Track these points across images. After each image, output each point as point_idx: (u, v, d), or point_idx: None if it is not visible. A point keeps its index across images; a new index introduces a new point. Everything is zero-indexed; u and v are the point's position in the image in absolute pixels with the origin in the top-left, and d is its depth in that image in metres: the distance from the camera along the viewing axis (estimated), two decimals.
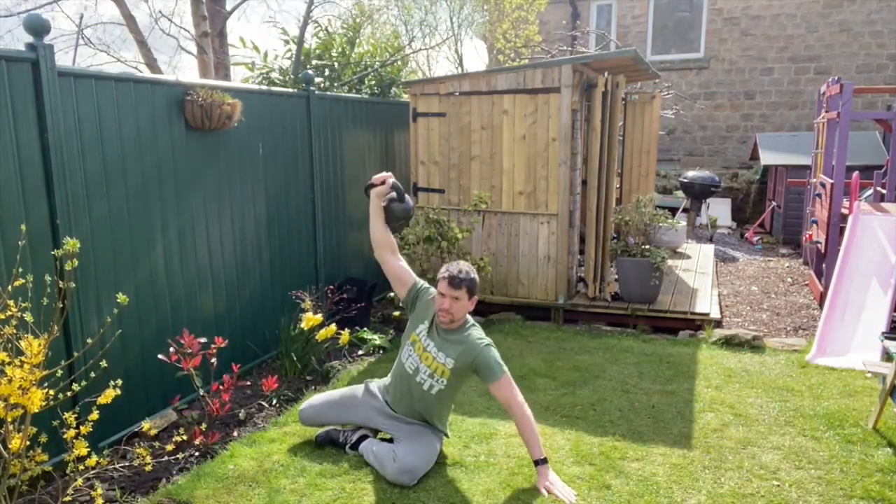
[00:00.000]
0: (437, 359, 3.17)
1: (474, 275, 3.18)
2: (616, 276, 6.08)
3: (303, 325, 4.25)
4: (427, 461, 3.15)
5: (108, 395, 2.53)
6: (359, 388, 3.53)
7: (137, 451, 3.01)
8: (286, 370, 4.49)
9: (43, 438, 2.71)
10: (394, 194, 3.34)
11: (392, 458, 3.07)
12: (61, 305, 2.56)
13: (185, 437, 3.30)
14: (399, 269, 3.36)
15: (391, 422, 3.34)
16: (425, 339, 3.24)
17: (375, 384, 3.51)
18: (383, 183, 3.31)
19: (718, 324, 5.65)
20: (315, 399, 3.57)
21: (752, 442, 3.48)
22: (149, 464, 2.88)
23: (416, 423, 3.30)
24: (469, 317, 3.28)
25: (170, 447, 3.13)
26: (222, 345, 3.54)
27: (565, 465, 3.23)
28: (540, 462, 3.02)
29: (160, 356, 3.45)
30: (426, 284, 3.38)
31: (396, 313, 5.85)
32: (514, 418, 3.08)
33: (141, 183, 3.62)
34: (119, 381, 2.59)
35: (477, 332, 3.22)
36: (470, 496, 2.98)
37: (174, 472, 3.23)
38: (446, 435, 3.37)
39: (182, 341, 3.45)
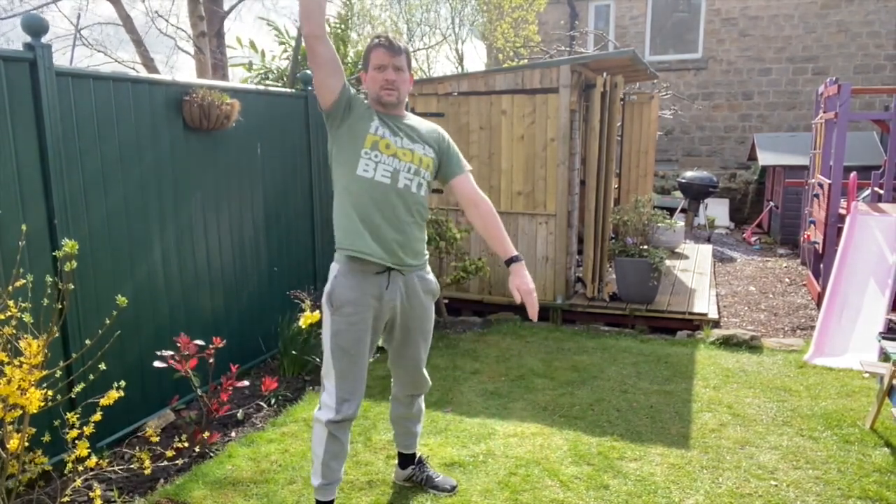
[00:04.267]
0: (414, 150, 2.55)
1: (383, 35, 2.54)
2: (614, 277, 6.08)
3: (301, 323, 4.25)
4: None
5: (110, 396, 2.53)
6: (350, 326, 2.55)
7: (137, 454, 3.01)
8: (285, 370, 4.50)
9: (47, 437, 2.71)
10: None
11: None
12: (60, 306, 2.56)
13: (185, 445, 3.29)
14: (336, 54, 2.47)
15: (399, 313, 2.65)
16: (388, 134, 2.52)
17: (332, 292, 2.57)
18: None
19: (716, 324, 5.66)
20: (331, 393, 2.60)
21: (750, 442, 3.49)
22: (147, 468, 2.88)
23: (418, 287, 2.65)
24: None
25: (170, 453, 3.13)
26: (220, 345, 3.54)
27: (563, 465, 3.24)
28: (514, 259, 2.60)
29: (156, 364, 3.41)
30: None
31: None
32: (483, 216, 2.61)
33: (139, 183, 3.62)
34: (123, 383, 2.59)
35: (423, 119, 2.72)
36: (468, 496, 2.98)
37: (172, 473, 3.23)
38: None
39: (178, 344, 3.45)
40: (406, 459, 3.07)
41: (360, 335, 2.56)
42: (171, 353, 3.43)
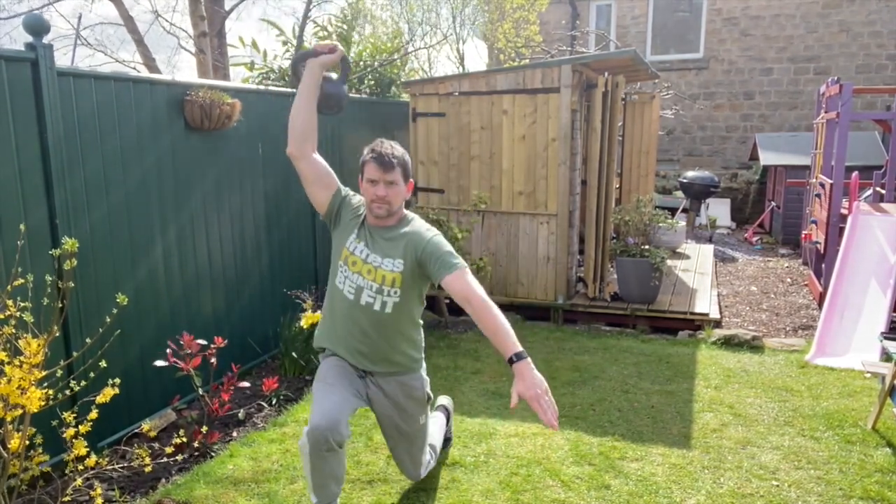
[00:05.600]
0: (381, 267, 2.52)
1: (405, 152, 2.56)
2: (615, 277, 6.08)
3: (302, 323, 4.25)
4: (423, 462, 2.88)
5: (106, 394, 2.53)
6: (331, 366, 2.67)
7: (137, 451, 3.01)
8: (286, 370, 4.49)
9: (40, 439, 2.71)
10: (333, 75, 2.71)
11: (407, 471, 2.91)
12: (61, 305, 2.56)
13: (185, 440, 3.29)
14: (324, 167, 2.63)
15: (372, 395, 2.69)
16: (359, 249, 2.56)
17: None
18: (331, 51, 2.62)
19: (718, 324, 5.65)
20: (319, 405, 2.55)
21: (752, 442, 3.48)
22: (148, 465, 2.88)
23: (396, 403, 2.69)
24: (407, 211, 2.67)
25: (169, 449, 3.13)
26: (222, 345, 3.54)
27: (565, 465, 3.23)
28: (516, 358, 2.21)
29: (158, 362, 3.42)
30: (350, 190, 2.72)
31: None
32: (476, 312, 2.32)
33: (140, 183, 3.62)
34: (118, 381, 2.59)
35: (421, 222, 2.62)
36: (469, 496, 2.98)
37: (173, 472, 3.23)
38: (425, 375, 2.79)
39: (181, 342, 3.45)
40: None
41: (342, 371, 2.63)
42: (172, 349, 3.43)
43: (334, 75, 2.73)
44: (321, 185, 2.62)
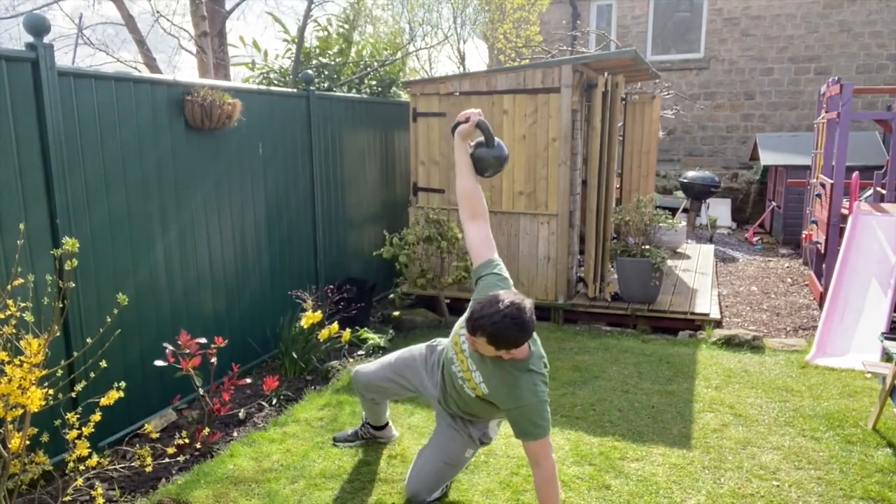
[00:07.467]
0: (472, 372, 2.61)
1: (510, 323, 2.33)
2: (616, 277, 6.08)
3: (302, 323, 4.26)
4: (429, 488, 2.88)
5: (111, 397, 2.53)
6: (418, 349, 3.15)
7: (138, 451, 3.01)
8: (286, 370, 4.50)
9: (46, 437, 2.71)
10: (480, 138, 2.84)
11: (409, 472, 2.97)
12: (61, 305, 2.56)
13: (186, 441, 3.29)
14: (478, 240, 2.75)
15: (436, 404, 2.97)
16: (466, 342, 2.63)
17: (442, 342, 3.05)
18: (467, 120, 2.77)
19: (718, 324, 5.65)
20: (368, 365, 3.24)
21: (752, 442, 3.48)
22: (149, 465, 2.88)
23: (454, 421, 2.87)
24: (534, 357, 2.55)
25: (171, 450, 3.13)
26: (222, 344, 3.54)
27: (565, 466, 3.23)
28: None
29: (157, 362, 3.43)
30: (500, 269, 2.73)
31: (396, 313, 5.84)
32: (541, 479, 2.50)
33: (141, 183, 3.62)
34: (123, 384, 2.59)
35: (529, 383, 2.48)
36: (469, 496, 2.98)
37: (174, 472, 3.23)
38: (485, 440, 2.93)
39: (179, 342, 3.45)
40: None
41: (412, 371, 3.09)
42: (171, 349, 3.43)
43: (481, 136, 2.87)
44: (471, 253, 2.82)
